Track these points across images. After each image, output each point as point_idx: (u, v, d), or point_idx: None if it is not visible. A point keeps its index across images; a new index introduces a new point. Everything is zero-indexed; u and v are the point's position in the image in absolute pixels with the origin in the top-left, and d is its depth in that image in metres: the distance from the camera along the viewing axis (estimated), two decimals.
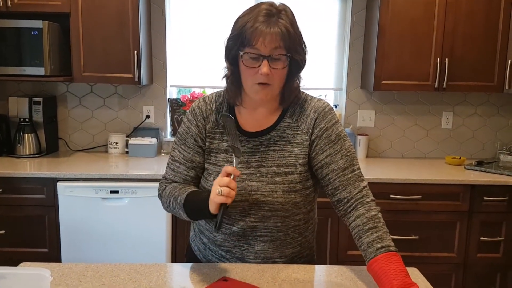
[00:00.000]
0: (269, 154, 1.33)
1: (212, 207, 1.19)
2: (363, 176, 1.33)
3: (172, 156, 1.42)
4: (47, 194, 2.59)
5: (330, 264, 2.73)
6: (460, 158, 3.06)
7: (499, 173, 2.78)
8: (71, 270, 1.32)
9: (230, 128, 1.23)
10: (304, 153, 1.33)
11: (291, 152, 1.33)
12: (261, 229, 1.35)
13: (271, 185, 1.31)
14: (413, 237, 2.68)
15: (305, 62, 1.30)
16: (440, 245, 2.73)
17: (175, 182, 1.41)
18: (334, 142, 1.32)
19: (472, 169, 2.90)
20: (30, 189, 2.59)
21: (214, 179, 1.33)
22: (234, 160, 1.24)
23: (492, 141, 3.32)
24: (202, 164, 1.39)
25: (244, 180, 1.32)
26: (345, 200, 1.30)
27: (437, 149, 3.32)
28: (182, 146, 1.40)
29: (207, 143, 1.37)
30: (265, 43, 1.20)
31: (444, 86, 2.88)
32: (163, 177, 1.45)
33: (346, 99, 3.24)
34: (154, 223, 2.60)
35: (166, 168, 1.43)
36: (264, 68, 1.21)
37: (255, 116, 1.36)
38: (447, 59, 2.85)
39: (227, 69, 1.33)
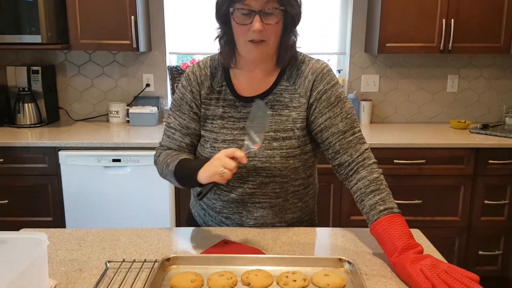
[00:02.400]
0: None
1: (205, 180, 1.16)
2: (364, 139, 1.29)
3: (167, 122, 1.39)
4: (49, 163, 2.58)
5: None
6: (465, 122, 3.02)
7: (504, 136, 2.74)
8: (71, 235, 1.32)
9: (262, 117, 1.17)
10: (302, 117, 1.29)
11: (288, 117, 1.29)
12: (260, 196, 1.33)
13: (269, 151, 1.28)
14: (417, 201, 2.67)
15: (300, 16, 1.24)
16: (444, 209, 2.72)
17: (170, 149, 1.38)
18: (333, 105, 1.28)
19: (477, 133, 2.86)
20: (32, 159, 2.58)
21: (211, 146, 1.31)
22: (245, 146, 1.17)
23: (497, 104, 3.27)
24: (197, 131, 1.36)
25: (241, 147, 1.29)
26: (346, 163, 1.27)
27: (442, 113, 3.27)
28: (177, 113, 1.36)
29: (202, 110, 1.34)
30: None
31: (449, 48, 2.81)
32: (159, 144, 1.43)
33: (349, 63, 3.17)
34: (157, 190, 2.60)
35: (163, 135, 1.41)
36: (256, 23, 1.15)
37: (251, 79, 1.31)
38: (452, 20, 2.76)
39: (219, 29, 1.28)
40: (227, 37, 1.26)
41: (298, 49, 1.31)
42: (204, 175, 1.16)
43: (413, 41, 2.81)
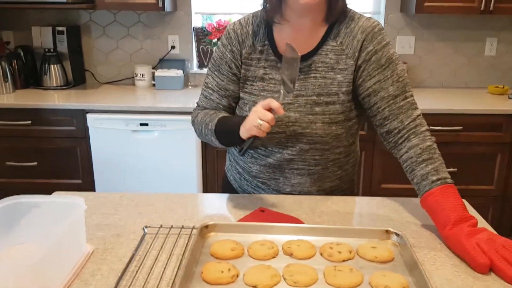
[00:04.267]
0: (309, 82, 1.22)
1: (244, 134, 1.12)
2: (416, 104, 1.20)
3: (206, 82, 1.33)
4: (77, 126, 2.57)
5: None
6: (503, 87, 2.87)
7: None
8: (106, 199, 1.29)
9: (292, 62, 1.09)
10: (348, 81, 1.21)
11: (333, 80, 1.21)
12: (298, 162, 1.27)
13: (310, 116, 1.21)
14: (452, 169, 2.58)
15: None
16: (479, 177, 2.63)
17: (207, 109, 1.33)
18: (384, 67, 1.19)
19: None
20: (60, 121, 2.57)
21: (250, 109, 1.24)
22: (282, 95, 1.12)
23: None
24: (236, 93, 1.30)
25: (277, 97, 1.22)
26: (396, 130, 1.19)
27: (479, 78, 3.12)
28: (215, 73, 1.30)
29: (242, 70, 1.27)
30: None
31: (490, 8, 2.64)
32: (196, 103, 1.38)
33: (384, 23, 3.02)
34: (184, 155, 2.57)
35: (200, 94, 1.36)
36: None
37: (296, 36, 1.22)
38: None
39: None
40: None
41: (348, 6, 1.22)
42: (243, 129, 1.12)
43: (453, 1, 2.65)
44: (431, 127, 2.48)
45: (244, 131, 1.12)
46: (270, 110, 1.08)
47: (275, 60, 1.24)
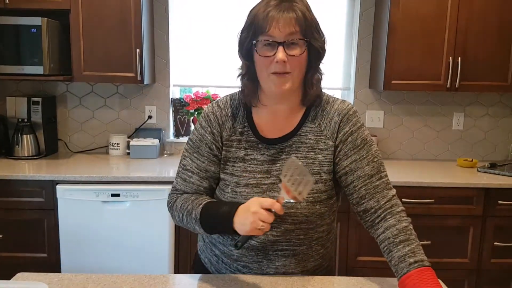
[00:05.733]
0: None
1: (242, 232, 1.11)
2: (391, 184, 1.23)
3: (183, 165, 1.30)
4: (46, 197, 2.49)
5: (339, 270, 2.64)
6: (472, 161, 2.97)
7: None
8: (71, 281, 1.23)
9: (299, 171, 1.08)
10: (328, 160, 1.23)
11: (314, 160, 1.23)
12: (283, 243, 1.25)
13: None
14: (425, 242, 2.59)
15: (325, 50, 1.22)
16: (453, 250, 2.63)
17: (186, 193, 1.30)
18: (359, 147, 1.22)
19: (485, 172, 2.81)
20: (29, 192, 2.49)
21: (233, 191, 1.23)
22: (281, 197, 1.10)
23: (504, 143, 3.23)
24: (216, 175, 1.28)
25: (265, 191, 1.22)
26: (373, 210, 1.20)
27: (447, 150, 3.23)
28: (195, 155, 1.28)
29: (223, 152, 1.27)
30: (279, 28, 1.11)
31: (456, 86, 2.79)
32: (172, 187, 1.34)
33: (354, 99, 3.14)
34: (156, 227, 2.50)
35: (176, 177, 1.32)
36: (280, 54, 1.12)
37: (274, 119, 1.26)
38: (459, 58, 2.75)
39: (241, 68, 1.23)
40: (249, 74, 1.22)
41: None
42: (242, 229, 1.11)
43: (420, 79, 2.79)
44: (403, 200, 2.55)
45: (243, 230, 1.11)
46: (269, 210, 1.08)
47: (255, 141, 1.25)
